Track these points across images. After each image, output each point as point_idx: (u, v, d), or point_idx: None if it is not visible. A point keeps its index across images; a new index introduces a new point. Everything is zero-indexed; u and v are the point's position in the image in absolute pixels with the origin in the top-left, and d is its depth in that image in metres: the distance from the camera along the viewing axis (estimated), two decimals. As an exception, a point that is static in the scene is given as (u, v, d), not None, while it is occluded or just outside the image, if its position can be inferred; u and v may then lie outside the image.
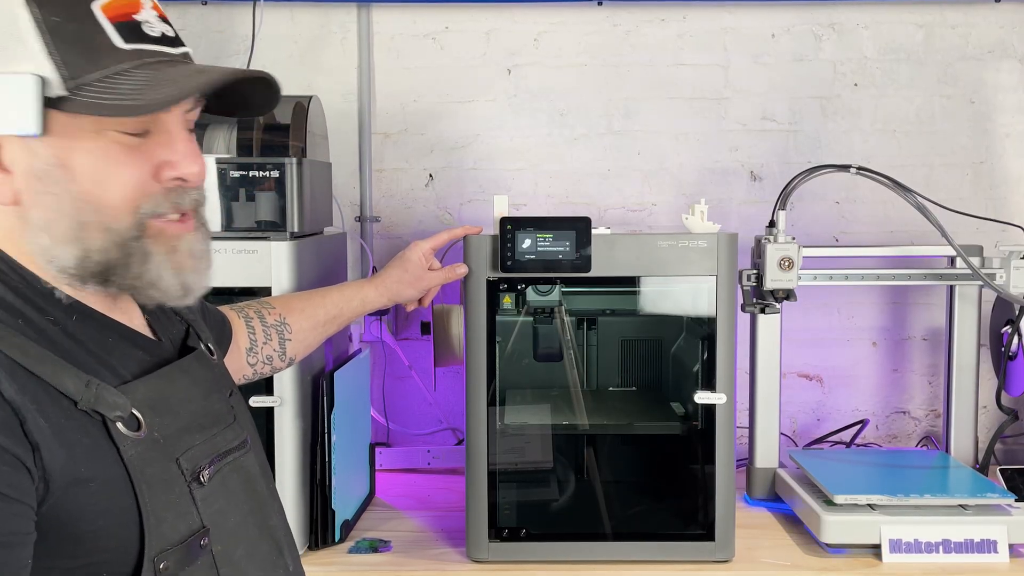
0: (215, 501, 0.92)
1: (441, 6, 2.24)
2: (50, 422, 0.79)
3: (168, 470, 0.87)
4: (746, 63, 2.26)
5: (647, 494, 1.82)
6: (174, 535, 0.86)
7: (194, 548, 0.88)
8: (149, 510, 0.84)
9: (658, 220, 2.27)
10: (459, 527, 1.69)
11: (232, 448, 0.97)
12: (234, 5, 2.22)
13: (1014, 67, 2.25)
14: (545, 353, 1.76)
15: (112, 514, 0.82)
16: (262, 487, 1.01)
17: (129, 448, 0.84)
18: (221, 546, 0.91)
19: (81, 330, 0.87)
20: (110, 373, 0.87)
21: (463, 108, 2.26)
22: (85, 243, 0.85)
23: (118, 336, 0.91)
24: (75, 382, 0.82)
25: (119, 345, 0.90)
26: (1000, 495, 1.69)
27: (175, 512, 0.87)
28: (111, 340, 0.90)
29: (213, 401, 0.98)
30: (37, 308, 0.85)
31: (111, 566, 0.83)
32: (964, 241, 1.86)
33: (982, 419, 2.08)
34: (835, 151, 2.25)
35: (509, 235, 1.58)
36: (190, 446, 0.91)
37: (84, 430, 0.82)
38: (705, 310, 1.63)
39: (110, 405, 0.83)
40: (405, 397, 2.30)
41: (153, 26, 0.86)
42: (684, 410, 1.78)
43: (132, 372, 0.90)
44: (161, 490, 0.86)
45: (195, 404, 0.95)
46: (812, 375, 2.30)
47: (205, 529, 0.89)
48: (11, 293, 0.84)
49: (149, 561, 0.83)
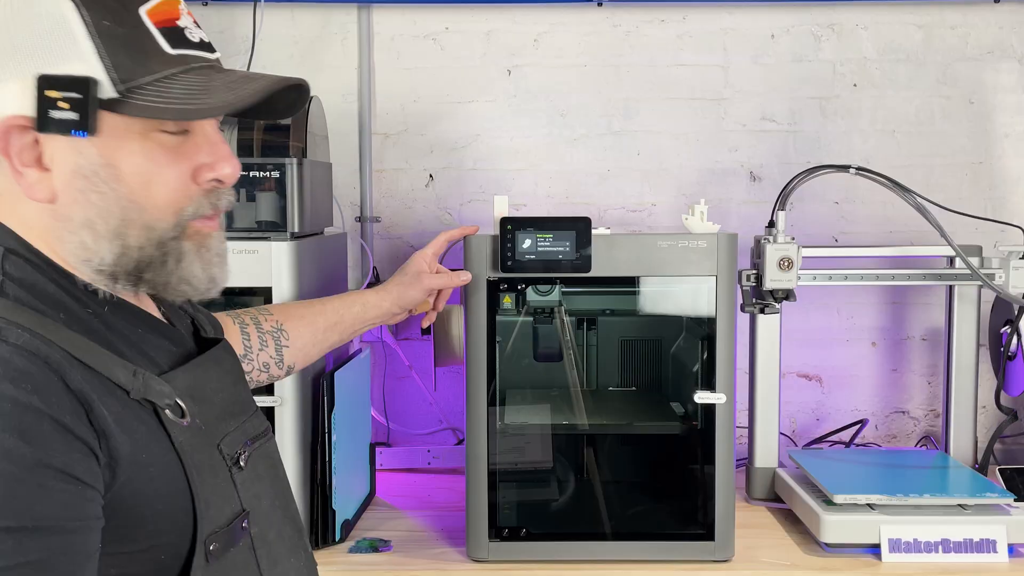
0: (252, 485, 0.95)
1: (441, 6, 2.24)
2: (111, 411, 0.81)
3: (212, 456, 0.91)
4: (746, 63, 2.26)
5: (647, 494, 1.83)
6: (221, 518, 0.90)
7: (237, 530, 0.91)
8: (200, 494, 0.87)
9: (658, 220, 2.28)
10: (459, 527, 1.69)
11: (259, 435, 1.01)
12: (235, 5, 2.22)
13: (1013, 67, 2.25)
14: (545, 353, 1.76)
15: (169, 498, 0.85)
16: (284, 474, 1.05)
17: (179, 435, 0.87)
18: (258, 528, 0.95)
19: (117, 321, 0.90)
20: (149, 363, 0.90)
21: (463, 108, 2.27)
22: (125, 241, 0.87)
23: (148, 327, 0.93)
24: (124, 372, 0.84)
25: (150, 336, 0.93)
26: (999, 495, 1.69)
27: (221, 496, 0.91)
28: (141, 331, 0.92)
29: (240, 390, 1.01)
30: (77, 299, 0.87)
31: (168, 549, 0.86)
32: (963, 241, 1.86)
33: (981, 419, 2.08)
34: (835, 151, 2.26)
35: (509, 235, 1.59)
36: (227, 432, 0.94)
37: (139, 418, 0.85)
38: (705, 310, 1.63)
39: (158, 393, 0.86)
40: (405, 397, 2.30)
41: (192, 32, 0.89)
42: (684, 410, 1.79)
43: (166, 362, 0.92)
44: (208, 475, 0.89)
45: (227, 392, 0.98)
46: (812, 375, 2.30)
47: (245, 512, 0.93)
48: (51, 285, 0.86)
49: (201, 543, 0.87)
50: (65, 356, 0.80)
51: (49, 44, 0.83)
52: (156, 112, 0.84)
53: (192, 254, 0.91)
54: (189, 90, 0.85)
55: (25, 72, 0.82)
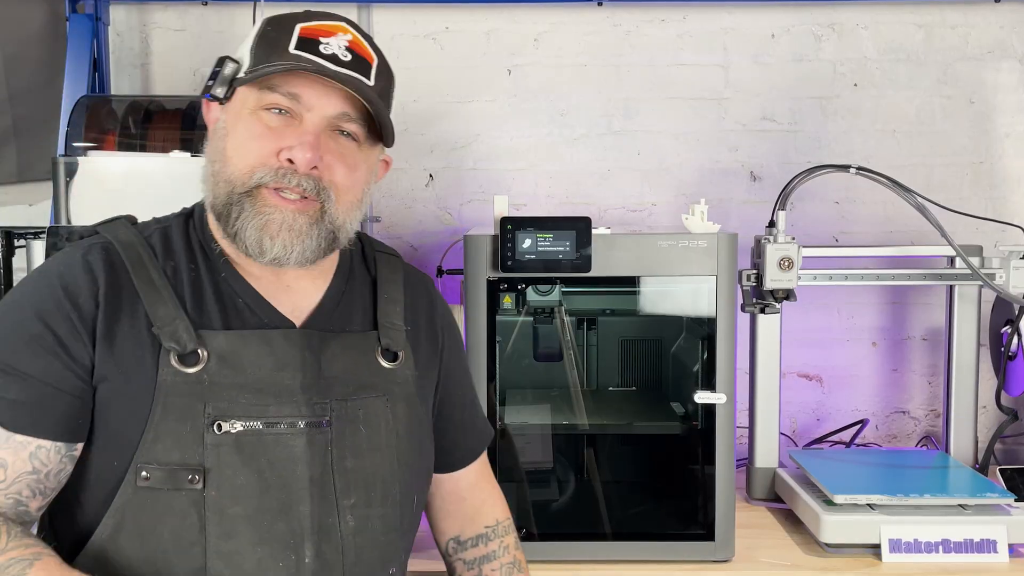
0: (229, 454, 1.02)
1: (441, 6, 2.24)
2: (116, 329, 1.02)
3: (192, 406, 1.02)
4: (746, 63, 2.26)
5: (647, 494, 1.82)
6: (164, 457, 1.01)
7: (179, 477, 1.01)
8: (151, 426, 1.01)
9: (658, 220, 2.28)
10: (459, 527, 1.69)
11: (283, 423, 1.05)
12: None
13: (1014, 67, 2.25)
14: (545, 353, 1.76)
15: (129, 414, 1.01)
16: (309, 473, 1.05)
17: (167, 375, 1.02)
18: (217, 493, 1.02)
19: (216, 285, 1.09)
20: (206, 320, 1.06)
21: (463, 108, 2.27)
22: (215, 189, 1.09)
23: (250, 300, 1.10)
24: (165, 313, 1.04)
25: (244, 307, 1.09)
26: (1000, 495, 1.69)
27: (175, 440, 1.01)
28: (241, 301, 1.09)
29: (284, 376, 1.07)
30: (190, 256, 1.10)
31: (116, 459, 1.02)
32: (964, 241, 1.86)
33: (982, 419, 2.08)
34: (835, 151, 2.26)
35: (509, 235, 1.58)
36: (230, 400, 1.04)
37: (141, 346, 1.03)
38: (705, 310, 1.63)
39: (172, 338, 1.03)
40: (405, 397, 2.29)
41: (330, 47, 1.08)
42: (684, 410, 1.79)
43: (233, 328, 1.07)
44: (174, 418, 1.02)
45: (262, 372, 1.06)
46: (812, 375, 2.30)
47: (201, 468, 1.01)
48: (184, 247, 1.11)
49: (134, 464, 1.01)
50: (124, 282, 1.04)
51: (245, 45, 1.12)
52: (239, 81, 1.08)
53: (249, 212, 1.07)
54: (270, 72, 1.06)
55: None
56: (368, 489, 1.09)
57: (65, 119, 1.96)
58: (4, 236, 1.81)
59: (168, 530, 1.01)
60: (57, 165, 1.72)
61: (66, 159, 1.72)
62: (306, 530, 1.04)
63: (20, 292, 1.07)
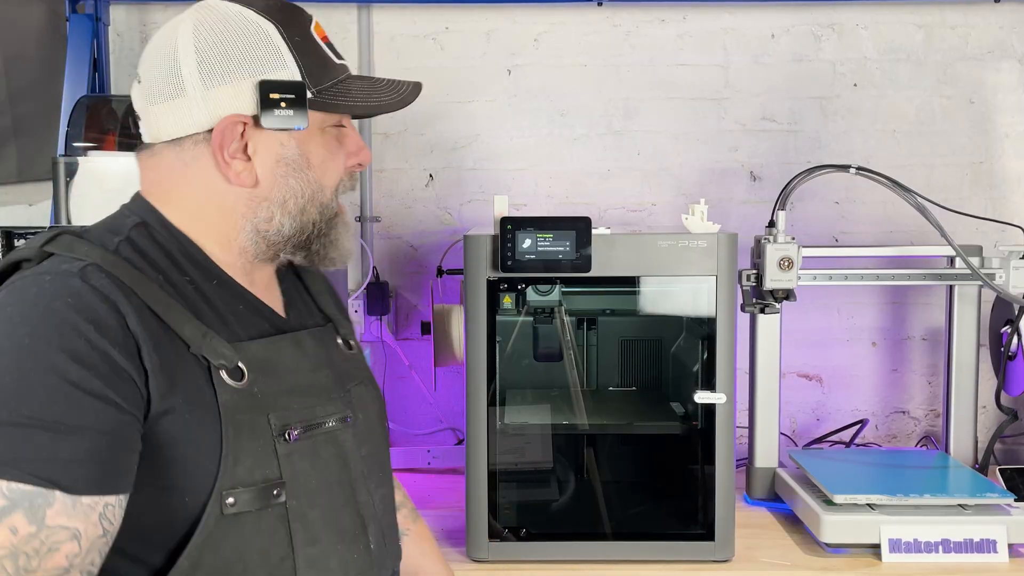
0: (299, 461, 1.00)
1: (441, 6, 2.24)
2: (162, 357, 0.92)
3: (257, 421, 0.98)
4: (746, 63, 2.26)
5: (647, 494, 1.83)
6: (248, 477, 0.96)
7: (266, 494, 0.97)
8: (229, 449, 0.95)
9: (658, 220, 2.28)
10: (459, 527, 1.69)
11: (330, 421, 1.05)
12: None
13: (1014, 67, 2.25)
14: (545, 353, 1.76)
15: (199, 444, 0.94)
16: (357, 465, 1.08)
17: (225, 393, 0.96)
18: (296, 502, 0.99)
19: (216, 294, 1.02)
20: (228, 331, 1.00)
21: (463, 108, 2.27)
22: (306, 216, 1.05)
23: (248, 305, 1.05)
24: (193, 330, 0.96)
25: (246, 313, 1.04)
26: (999, 495, 1.69)
27: (254, 458, 0.97)
28: (241, 307, 1.04)
29: (320, 376, 1.07)
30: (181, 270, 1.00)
31: (191, 493, 0.94)
32: (964, 241, 1.86)
33: (981, 419, 2.08)
34: (835, 151, 2.26)
35: (509, 235, 1.58)
36: (285, 407, 1.01)
37: (190, 370, 0.95)
38: (705, 310, 1.63)
39: (217, 354, 0.96)
40: (405, 397, 2.30)
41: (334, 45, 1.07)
42: (684, 410, 1.79)
43: (252, 335, 1.03)
44: (246, 436, 0.96)
45: (301, 374, 1.05)
46: (812, 375, 2.30)
47: (282, 482, 0.98)
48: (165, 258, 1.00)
49: (218, 492, 0.94)
50: (138, 305, 0.92)
51: (260, 55, 1.00)
52: (347, 109, 1.05)
53: (342, 226, 1.09)
54: (362, 91, 1.06)
55: (239, 78, 0.99)
56: (379, 471, 1.14)
57: (65, 119, 1.96)
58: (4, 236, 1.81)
59: (257, 552, 0.96)
60: (57, 165, 1.72)
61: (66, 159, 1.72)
62: (366, 518, 1.08)
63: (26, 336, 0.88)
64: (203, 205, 1.03)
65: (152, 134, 1.02)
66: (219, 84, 0.99)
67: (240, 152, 1.01)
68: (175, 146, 1.01)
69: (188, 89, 0.99)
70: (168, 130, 1.01)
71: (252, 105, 0.99)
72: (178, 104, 0.99)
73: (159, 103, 1.00)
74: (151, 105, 1.01)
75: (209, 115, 0.99)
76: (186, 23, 1.01)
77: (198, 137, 1.00)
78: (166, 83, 0.99)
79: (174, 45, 1.00)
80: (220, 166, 1.00)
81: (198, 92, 0.99)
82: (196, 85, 0.99)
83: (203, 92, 0.99)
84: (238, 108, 0.99)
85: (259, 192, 1.02)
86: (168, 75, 0.99)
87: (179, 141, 1.01)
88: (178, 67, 0.99)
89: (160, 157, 1.03)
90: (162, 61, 1.00)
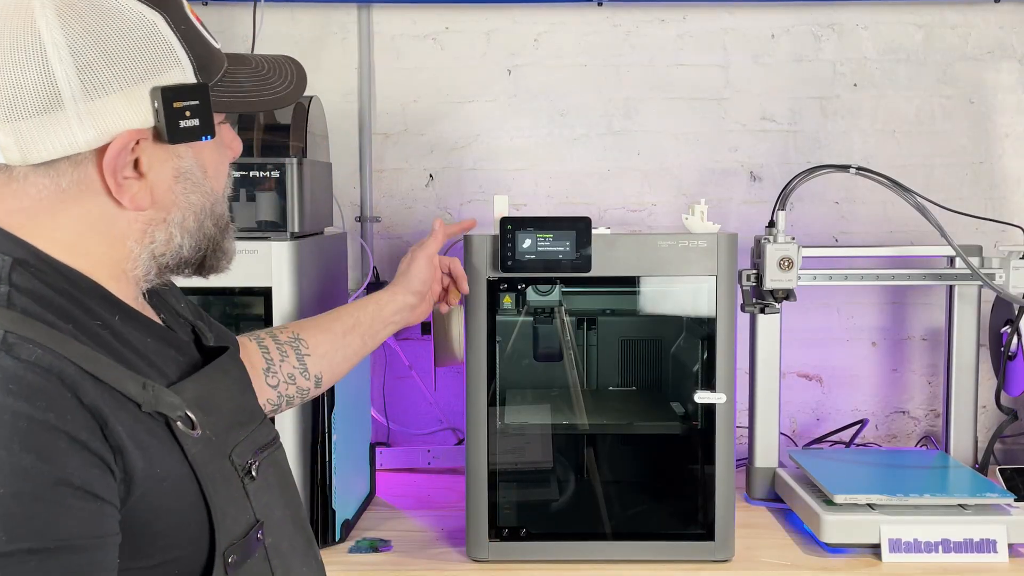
0: (263, 495, 0.94)
1: (441, 6, 2.24)
2: (124, 425, 0.79)
3: (224, 467, 0.89)
4: (746, 63, 2.26)
5: (647, 494, 1.83)
6: (237, 529, 0.88)
7: (252, 541, 0.90)
8: (216, 505, 0.86)
9: (658, 220, 2.28)
10: (459, 527, 1.69)
11: (268, 443, 0.99)
12: (235, 5, 2.22)
13: (1014, 67, 2.25)
14: (545, 353, 1.76)
15: (184, 512, 0.84)
16: (292, 481, 1.03)
17: (191, 447, 0.85)
18: (272, 538, 0.94)
19: (127, 331, 0.87)
20: (157, 374, 0.87)
21: (463, 108, 2.27)
22: (205, 231, 0.92)
23: (156, 337, 0.91)
24: (134, 385, 0.82)
25: (158, 346, 0.90)
26: (999, 495, 1.69)
27: (236, 507, 0.89)
28: (150, 340, 0.89)
29: (249, 398, 1.00)
30: (86, 309, 0.84)
31: (183, 563, 0.85)
32: (964, 241, 1.86)
33: (981, 419, 2.08)
34: (835, 151, 2.26)
35: (509, 235, 1.59)
36: (237, 442, 0.92)
37: (152, 431, 0.82)
38: (705, 310, 1.63)
39: (169, 406, 0.84)
40: (405, 397, 2.30)
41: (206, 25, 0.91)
42: (684, 410, 1.79)
43: (173, 373, 0.90)
44: (222, 486, 0.88)
45: (235, 402, 0.96)
46: (812, 375, 2.30)
47: (259, 523, 0.92)
48: (59, 296, 0.82)
49: (220, 555, 0.85)
50: (77, 370, 0.77)
51: (149, 53, 0.83)
52: (246, 106, 0.92)
53: (231, 232, 0.97)
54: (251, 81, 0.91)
55: (130, 84, 0.82)
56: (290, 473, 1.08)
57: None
58: (4, 236, 1.80)
59: None
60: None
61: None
62: (310, 533, 1.05)
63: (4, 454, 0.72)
64: (85, 235, 0.85)
65: (10, 155, 0.80)
66: (106, 94, 0.80)
67: (132, 170, 0.84)
68: (47, 169, 0.81)
69: (66, 101, 0.79)
70: (38, 151, 0.80)
71: (150, 116, 0.83)
72: (52, 119, 0.79)
73: (24, 119, 0.79)
74: (9, 121, 0.79)
75: (97, 132, 0.81)
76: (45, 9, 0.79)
77: (79, 157, 0.82)
78: (33, 93, 0.78)
79: (38, 41, 0.78)
80: (113, 190, 0.83)
81: (80, 105, 0.79)
82: (77, 96, 0.79)
83: (86, 104, 0.80)
84: (133, 122, 0.82)
85: (155, 214, 0.87)
86: (35, 82, 0.78)
87: (53, 163, 0.81)
88: (50, 73, 0.78)
89: (24, 183, 0.82)
90: (22, 62, 0.78)
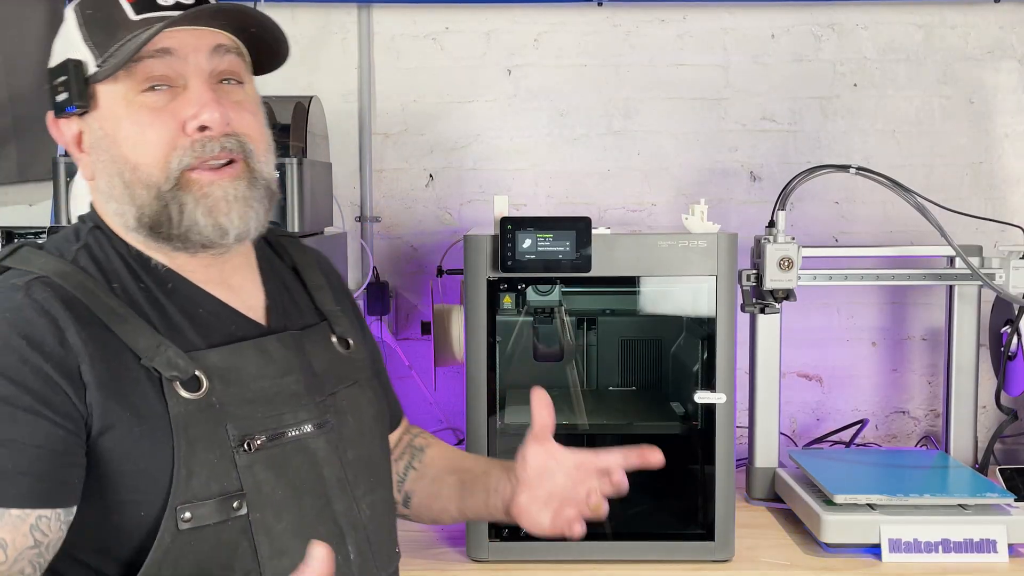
0: (262, 471, 0.97)
1: (441, 6, 2.24)
2: (106, 370, 0.91)
3: (214, 433, 0.95)
4: (746, 63, 2.26)
5: (647, 494, 1.82)
6: (204, 491, 0.93)
7: (224, 507, 0.94)
8: (181, 462, 0.92)
9: (658, 220, 2.28)
10: (459, 527, 1.69)
11: (300, 428, 1.01)
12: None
13: (1013, 67, 2.25)
14: (545, 353, 1.76)
15: (150, 458, 0.92)
16: (332, 473, 1.03)
17: (178, 405, 0.93)
18: (260, 514, 0.96)
19: (170, 299, 0.99)
20: (185, 339, 0.97)
21: (463, 108, 2.27)
22: (137, 201, 0.98)
23: (210, 309, 1.01)
24: (147, 341, 0.93)
25: (207, 318, 1.00)
26: (999, 495, 1.69)
27: (210, 471, 0.94)
28: (202, 311, 1.00)
29: (288, 381, 1.03)
30: (133, 274, 0.98)
31: (146, 507, 0.92)
32: (964, 241, 1.86)
33: (981, 419, 2.08)
34: (835, 151, 2.26)
35: (509, 235, 1.58)
36: (247, 416, 0.97)
37: (138, 382, 0.93)
38: (705, 310, 1.63)
39: (169, 366, 0.93)
40: (405, 397, 2.28)
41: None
42: (684, 410, 1.79)
43: (213, 342, 0.99)
44: (202, 448, 0.94)
45: (266, 381, 1.00)
46: (812, 375, 2.30)
47: (242, 493, 0.95)
48: (119, 260, 0.99)
49: (171, 508, 0.91)
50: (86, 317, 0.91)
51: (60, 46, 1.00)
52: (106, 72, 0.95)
53: (192, 203, 0.97)
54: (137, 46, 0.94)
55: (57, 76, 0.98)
56: (369, 476, 1.09)
57: (65, 119, 1.95)
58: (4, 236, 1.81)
59: (219, 566, 0.94)
60: (57, 165, 1.72)
61: (66, 159, 1.72)
62: (344, 528, 1.04)
63: None
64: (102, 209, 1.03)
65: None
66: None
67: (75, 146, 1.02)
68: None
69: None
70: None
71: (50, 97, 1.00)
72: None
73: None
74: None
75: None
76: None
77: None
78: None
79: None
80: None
81: None
82: None
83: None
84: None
85: (96, 184, 1.02)
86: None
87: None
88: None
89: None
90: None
